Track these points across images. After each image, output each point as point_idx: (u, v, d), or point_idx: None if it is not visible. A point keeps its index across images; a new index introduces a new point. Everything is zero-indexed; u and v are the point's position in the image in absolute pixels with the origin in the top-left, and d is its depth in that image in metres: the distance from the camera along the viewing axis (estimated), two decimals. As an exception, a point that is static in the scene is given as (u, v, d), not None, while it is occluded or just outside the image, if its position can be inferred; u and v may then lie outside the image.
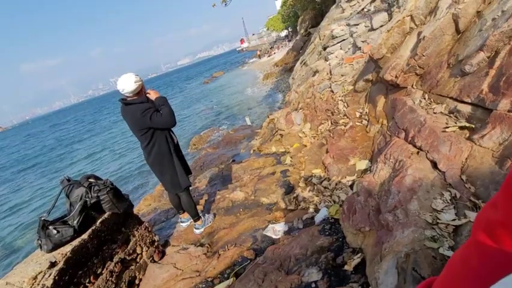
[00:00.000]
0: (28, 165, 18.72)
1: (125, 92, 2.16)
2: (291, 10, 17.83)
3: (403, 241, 1.35)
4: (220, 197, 3.36)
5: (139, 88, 2.20)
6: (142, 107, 2.16)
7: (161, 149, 2.35)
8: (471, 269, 0.31)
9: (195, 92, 24.46)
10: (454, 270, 0.35)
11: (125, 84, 2.14)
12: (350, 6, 5.37)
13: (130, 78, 2.16)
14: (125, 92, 2.16)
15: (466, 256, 0.33)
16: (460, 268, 0.33)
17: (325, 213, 2.25)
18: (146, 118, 2.14)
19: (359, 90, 3.70)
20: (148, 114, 2.15)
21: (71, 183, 2.03)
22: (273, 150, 4.31)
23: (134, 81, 2.15)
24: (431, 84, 2.26)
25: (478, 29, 1.97)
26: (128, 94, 2.18)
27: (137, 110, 2.16)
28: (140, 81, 2.21)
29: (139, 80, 2.20)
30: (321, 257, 1.77)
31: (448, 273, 0.36)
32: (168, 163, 2.41)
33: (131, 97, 2.21)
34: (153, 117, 2.16)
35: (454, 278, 0.34)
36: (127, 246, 2.23)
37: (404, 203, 1.53)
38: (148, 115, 2.15)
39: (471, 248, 0.32)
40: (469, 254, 0.32)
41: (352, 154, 2.86)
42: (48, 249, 1.77)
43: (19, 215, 9.25)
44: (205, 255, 2.37)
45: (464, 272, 0.32)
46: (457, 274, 0.34)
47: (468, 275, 0.31)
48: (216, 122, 11.39)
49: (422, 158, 1.76)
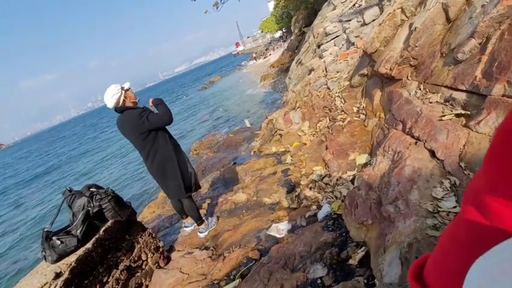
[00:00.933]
0: (29, 178, 18.80)
1: (110, 107, 2.21)
2: (284, 11, 17.92)
3: (405, 231, 1.34)
4: (222, 200, 3.36)
5: (120, 99, 2.19)
6: (136, 111, 2.20)
7: (164, 154, 2.35)
8: (458, 242, 0.31)
9: (193, 98, 24.55)
10: (443, 245, 0.35)
11: (106, 100, 2.19)
12: (342, 3, 5.40)
13: (108, 93, 2.17)
14: (111, 107, 2.21)
15: (453, 230, 0.33)
16: (448, 243, 0.34)
17: (327, 210, 2.25)
18: (143, 120, 2.16)
19: (355, 85, 3.71)
20: (145, 115, 2.17)
21: (72, 193, 2.05)
22: (273, 150, 4.32)
23: (111, 96, 2.16)
24: (426, 74, 2.26)
25: (468, 16, 1.98)
26: (113, 107, 2.20)
27: (133, 114, 2.18)
28: (118, 93, 2.18)
29: (117, 92, 2.18)
30: (326, 253, 1.76)
31: (438, 249, 0.36)
32: (172, 169, 2.39)
33: (120, 109, 2.22)
34: (150, 117, 2.19)
35: (444, 253, 0.34)
36: (131, 254, 2.23)
37: (405, 194, 1.53)
38: (145, 116, 2.17)
39: (459, 222, 0.32)
40: (457, 228, 0.32)
41: (351, 149, 2.86)
42: (53, 260, 1.78)
43: (24, 227, 9.27)
44: (210, 258, 2.37)
45: (453, 246, 0.32)
46: (445, 249, 0.34)
47: (456, 248, 0.31)
48: (215, 126, 11.42)
49: (420, 148, 1.76)
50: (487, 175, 0.27)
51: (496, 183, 0.26)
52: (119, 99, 2.18)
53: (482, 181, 0.28)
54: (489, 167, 0.27)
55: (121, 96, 2.19)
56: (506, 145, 0.25)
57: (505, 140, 0.25)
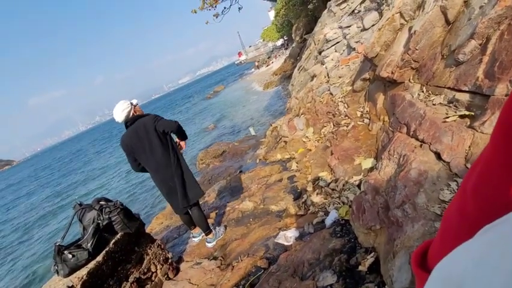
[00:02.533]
0: (39, 194, 19.12)
1: (120, 121, 2.35)
2: (285, 19, 18.18)
3: (414, 235, 1.33)
4: (229, 209, 3.36)
5: (129, 113, 2.35)
6: (150, 116, 2.37)
7: (180, 158, 2.49)
8: (465, 215, 0.30)
9: (197, 108, 24.83)
10: (451, 223, 0.33)
11: (116, 115, 2.34)
12: (341, 10, 5.47)
13: (118, 108, 2.33)
14: (120, 121, 2.35)
15: (461, 206, 0.31)
16: (456, 219, 0.32)
17: (335, 215, 2.23)
18: (156, 120, 2.35)
19: (357, 90, 3.72)
20: (158, 118, 2.37)
21: (83, 207, 2.09)
22: (279, 157, 4.32)
23: (122, 110, 2.33)
24: (428, 76, 2.27)
25: (466, 18, 1.99)
26: (123, 121, 2.35)
27: (148, 119, 2.34)
28: (128, 107, 2.35)
29: (127, 107, 2.35)
30: (335, 260, 1.75)
31: (445, 229, 0.34)
32: (186, 173, 2.52)
33: (130, 119, 2.36)
34: (161, 120, 2.37)
35: (453, 230, 0.32)
36: (141, 265, 2.25)
37: (412, 197, 1.51)
38: (158, 119, 2.36)
39: (462, 197, 0.30)
40: (464, 203, 0.30)
41: (357, 154, 2.85)
42: (65, 274, 1.80)
43: (37, 242, 9.38)
44: (219, 268, 2.36)
45: (463, 220, 0.31)
46: (454, 226, 0.32)
47: (466, 223, 0.30)
48: (220, 135, 11.50)
49: (426, 150, 1.75)
50: (493, 145, 0.27)
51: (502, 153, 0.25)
52: (129, 114, 2.33)
53: (489, 151, 0.27)
54: (495, 137, 0.27)
55: (130, 110, 2.35)
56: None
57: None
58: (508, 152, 0.25)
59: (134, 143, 2.34)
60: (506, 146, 0.25)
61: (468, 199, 0.30)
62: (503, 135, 0.25)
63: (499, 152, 0.26)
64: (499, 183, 0.26)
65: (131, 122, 2.34)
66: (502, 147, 0.26)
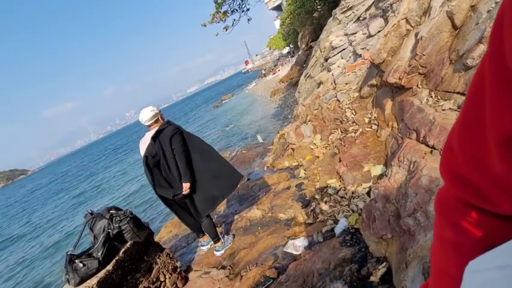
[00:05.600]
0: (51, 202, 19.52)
1: (144, 121, 2.42)
2: (290, 28, 18.39)
3: (427, 245, 1.29)
4: (237, 217, 3.35)
5: (156, 116, 2.45)
6: (170, 127, 2.44)
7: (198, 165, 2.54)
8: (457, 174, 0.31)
9: (205, 116, 25.11)
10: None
11: (143, 114, 2.43)
12: (346, 17, 5.50)
13: (147, 108, 2.46)
14: (145, 121, 2.42)
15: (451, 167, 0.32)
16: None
17: (344, 224, 2.19)
18: (176, 132, 2.43)
19: (365, 96, 3.70)
20: (178, 133, 2.44)
21: (93, 216, 2.12)
22: (286, 164, 4.30)
23: (151, 110, 2.44)
24: (436, 81, 2.24)
25: (474, 22, 1.98)
26: (148, 123, 2.42)
27: (168, 130, 2.42)
28: (157, 111, 2.48)
29: (156, 109, 2.48)
30: (345, 270, 1.71)
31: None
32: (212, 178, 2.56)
33: (152, 125, 2.44)
34: (177, 136, 2.42)
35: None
36: (150, 275, 2.25)
37: (423, 205, 1.48)
38: (177, 134, 2.43)
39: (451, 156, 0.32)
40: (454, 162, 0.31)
41: (365, 160, 2.82)
42: (75, 283, 1.82)
43: (52, 252, 9.53)
44: (228, 278, 2.34)
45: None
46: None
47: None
48: (228, 143, 11.56)
49: (436, 156, 1.72)
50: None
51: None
52: (156, 115, 2.44)
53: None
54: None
55: (158, 114, 2.47)
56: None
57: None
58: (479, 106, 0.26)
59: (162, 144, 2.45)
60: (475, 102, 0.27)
61: (456, 155, 0.30)
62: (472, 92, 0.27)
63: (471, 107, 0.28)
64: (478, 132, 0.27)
65: (158, 130, 2.43)
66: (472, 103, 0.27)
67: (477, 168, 0.27)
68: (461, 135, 0.29)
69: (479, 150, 0.26)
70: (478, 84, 0.25)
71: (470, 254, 0.28)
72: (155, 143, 2.39)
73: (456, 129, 0.30)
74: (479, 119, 0.25)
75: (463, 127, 0.28)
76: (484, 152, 0.26)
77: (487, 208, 0.29)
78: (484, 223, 0.29)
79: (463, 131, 0.28)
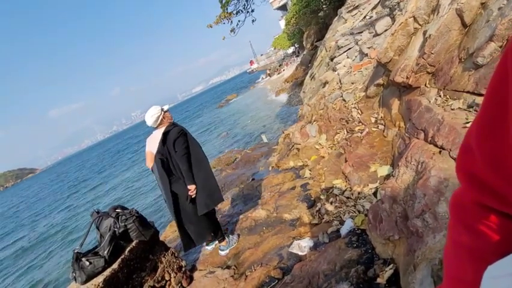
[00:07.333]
0: (57, 200, 19.84)
1: (150, 124, 2.47)
2: (295, 27, 18.32)
3: (436, 247, 1.27)
4: (242, 217, 3.35)
5: (158, 118, 2.46)
6: (175, 130, 2.46)
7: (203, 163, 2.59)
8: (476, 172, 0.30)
9: (210, 116, 25.19)
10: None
11: (146, 119, 2.48)
12: (352, 16, 5.45)
13: (149, 113, 2.47)
14: (150, 124, 2.47)
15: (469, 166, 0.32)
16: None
17: (350, 225, 2.17)
18: (180, 136, 2.45)
19: (371, 96, 3.66)
20: (182, 136, 2.46)
21: (100, 215, 2.14)
22: (291, 164, 4.28)
23: (151, 116, 2.45)
24: (445, 80, 2.20)
25: (484, 20, 1.93)
26: (153, 126, 2.47)
27: (173, 133, 2.45)
28: (159, 113, 2.47)
29: (157, 112, 2.47)
30: (351, 271, 1.69)
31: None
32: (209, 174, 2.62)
33: (158, 126, 2.48)
34: (180, 139, 2.44)
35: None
36: (155, 274, 2.26)
37: (432, 206, 1.45)
38: (181, 136, 2.45)
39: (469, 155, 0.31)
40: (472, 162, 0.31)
41: (372, 161, 2.78)
42: (82, 281, 1.84)
43: (58, 250, 9.68)
44: (232, 278, 2.34)
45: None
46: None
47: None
48: (233, 143, 11.57)
49: (445, 157, 1.68)
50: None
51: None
52: (158, 118, 2.45)
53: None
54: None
55: (160, 115, 2.46)
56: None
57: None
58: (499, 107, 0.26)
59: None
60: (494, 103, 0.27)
61: (475, 154, 0.30)
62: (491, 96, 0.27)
63: (491, 107, 0.28)
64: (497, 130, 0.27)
65: (164, 132, 2.45)
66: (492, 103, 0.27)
67: (497, 169, 0.26)
68: (480, 134, 0.28)
69: (500, 150, 0.25)
70: (500, 79, 0.24)
71: (488, 259, 0.27)
72: (163, 146, 2.43)
73: (474, 128, 0.29)
74: (501, 116, 0.24)
75: (483, 126, 0.27)
76: (506, 151, 0.24)
77: (506, 211, 0.27)
78: (503, 227, 0.28)
79: (482, 129, 0.27)
